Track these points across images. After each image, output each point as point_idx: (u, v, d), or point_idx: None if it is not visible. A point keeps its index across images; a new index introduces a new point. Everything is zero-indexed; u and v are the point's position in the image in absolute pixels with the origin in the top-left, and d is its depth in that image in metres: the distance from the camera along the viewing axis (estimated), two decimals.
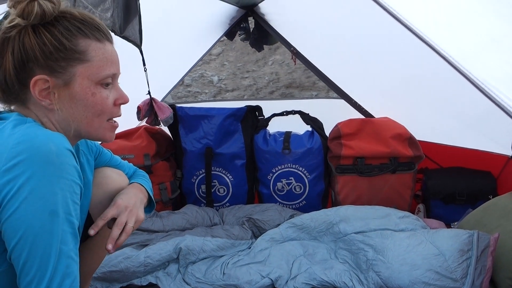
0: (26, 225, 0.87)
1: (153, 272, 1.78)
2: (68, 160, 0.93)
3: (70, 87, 0.98)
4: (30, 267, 0.88)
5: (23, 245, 0.88)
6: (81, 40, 0.98)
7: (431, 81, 2.19)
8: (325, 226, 1.95)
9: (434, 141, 2.50)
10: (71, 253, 0.91)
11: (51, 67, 0.96)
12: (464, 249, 1.64)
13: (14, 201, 0.87)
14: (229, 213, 2.22)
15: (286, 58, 5.63)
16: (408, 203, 2.27)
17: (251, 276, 1.71)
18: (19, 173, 0.87)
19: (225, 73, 5.89)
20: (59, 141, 0.93)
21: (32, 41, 0.95)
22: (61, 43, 0.95)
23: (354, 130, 2.25)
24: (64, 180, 0.91)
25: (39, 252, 0.88)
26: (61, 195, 0.90)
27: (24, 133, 0.92)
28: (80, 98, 0.99)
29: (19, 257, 0.88)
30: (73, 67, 0.97)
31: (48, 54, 0.95)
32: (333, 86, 2.71)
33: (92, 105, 1.00)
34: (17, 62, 0.95)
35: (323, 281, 1.72)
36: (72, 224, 0.92)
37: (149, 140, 2.32)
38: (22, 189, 0.87)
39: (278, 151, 2.29)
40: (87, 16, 1.01)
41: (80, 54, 0.97)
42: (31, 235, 0.88)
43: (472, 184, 2.29)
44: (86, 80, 0.99)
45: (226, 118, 2.32)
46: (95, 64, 0.99)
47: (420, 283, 1.58)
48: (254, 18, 2.76)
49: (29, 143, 0.90)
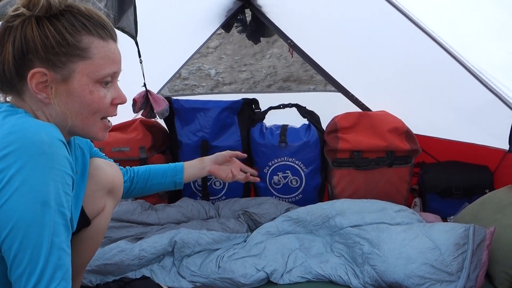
0: (17, 216, 0.86)
1: (148, 265, 1.77)
2: (60, 150, 0.92)
3: (69, 83, 0.97)
4: (21, 259, 0.87)
5: (14, 237, 0.86)
6: (85, 36, 0.96)
7: (429, 74, 2.17)
8: (321, 220, 1.94)
9: (431, 135, 2.49)
10: (63, 244, 0.90)
11: (51, 61, 0.94)
12: (460, 243, 1.63)
13: (5, 192, 0.86)
14: (224, 206, 2.21)
15: (284, 51, 5.60)
16: (405, 197, 2.27)
17: (246, 270, 1.71)
18: (10, 163, 0.86)
19: (223, 66, 5.86)
20: (51, 131, 0.92)
21: (35, 32, 0.93)
22: (64, 38, 0.94)
23: (351, 124, 2.24)
24: (56, 171, 0.90)
25: (30, 244, 0.87)
26: (53, 186, 0.89)
27: (15, 123, 0.91)
28: (77, 95, 0.98)
29: (10, 249, 0.87)
30: (73, 63, 0.96)
31: (49, 47, 0.94)
32: (330, 79, 2.69)
33: (89, 103, 0.99)
34: (16, 53, 0.94)
35: (319, 274, 1.71)
36: (64, 216, 0.91)
37: (145, 133, 2.30)
38: (13, 180, 0.86)
39: (274, 144, 2.27)
40: (93, 12, 0.99)
41: (82, 50, 0.96)
42: (22, 226, 0.86)
43: (469, 178, 2.28)
44: (85, 77, 0.97)
45: (222, 111, 2.30)
46: (96, 62, 0.98)
47: (416, 277, 1.58)
48: (251, 10, 2.74)
49: (20, 133, 0.89)
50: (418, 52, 2.06)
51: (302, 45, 2.67)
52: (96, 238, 1.25)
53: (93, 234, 1.24)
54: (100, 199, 1.30)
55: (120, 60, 1.04)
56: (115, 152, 2.21)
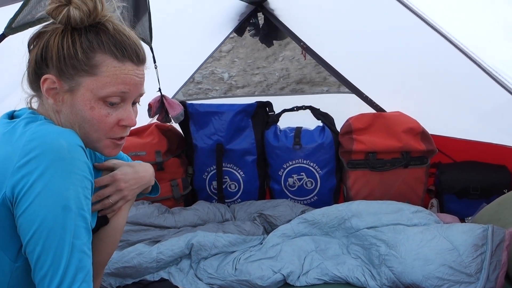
0: (40, 219, 0.89)
1: (165, 268, 1.79)
2: (79, 156, 0.95)
3: (74, 94, 0.99)
4: (44, 261, 0.89)
5: (37, 239, 0.89)
6: (99, 54, 0.98)
7: (444, 73, 2.15)
8: (337, 222, 1.94)
9: (447, 135, 2.46)
10: (84, 247, 0.93)
11: (61, 71, 0.98)
12: (478, 244, 1.62)
13: (28, 196, 0.89)
14: (240, 209, 2.23)
15: (296, 54, 5.60)
16: (421, 198, 2.25)
17: (263, 272, 1.71)
18: (33, 169, 0.90)
19: (236, 69, 5.89)
20: (70, 137, 0.95)
21: (55, 41, 0.98)
22: (76, 52, 0.97)
23: (366, 125, 2.23)
24: (76, 175, 0.93)
25: (52, 246, 0.89)
26: (73, 190, 0.92)
27: (35, 130, 0.95)
28: (79, 108, 1.00)
29: (33, 251, 0.90)
30: (80, 77, 0.98)
31: (61, 58, 0.98)
32: (344, 80, 2.69)
33: (89, 118, 1.00)
34: (38, 57, 0.99)
35: (336, 276, 1.71)
36: (85, 219, 0.94)
37: (161, 137, 2.33)
38: (35, 184, 0.89)
39: (289, 147, 2.28)
40: (121, 33, 1.01)
41: (90, 67, 0.98)
42: (45, 230, 0.89)
43: (486, 178, 2.25)
44: (89, 92, 0.99)
45: (236, 114, 2.32)
46: (102, 80, 0.98)
47: (434, 278, 1.57)
48: (263, 13, 2.75)
49: (41, 140, 0.92)
50: (433, 52, 2.04)
51: (315, 47, 2.67)
52: (114, 236, 1.28)
53: (112, 232, 1.26)
54: None
55: (138, 83, 1.03)
56: (131, 156, 2.21)
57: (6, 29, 1.29)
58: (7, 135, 0.97)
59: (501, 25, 1.72)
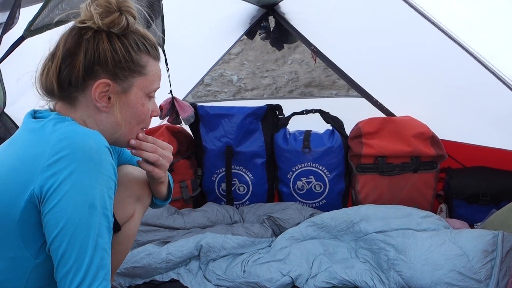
0: (67, 217, 0.92)
1: (174, 269, 1.81)
2: (106, 156, 0.98)
3: (127, 94, 1.07)
4: (68, 258, 0.92)
5: (63, 236, 0.92)
6: (144, 55, 1.07)
7: (454, 78, 2.15)
8: (345, 225, 1.95)
9: (457, 140, 2.45)
10: (106, 245, 0.96)
11: (116, 74, 1.04)
12: (488, 250, 1.61)
13: (57, 194, 0.93)
14: (249, 211, 2.23)
15: (306, 57, 5.60)
16: (430, 203, 2.24)
17: (271, 274, 1.72)
18: (62, 168, 0.93)
19: (245, 72, 5.90)
20: (98, 138, 0.99)
21: (106, 47, 1.02)
22: (130, 55, 1.04)
23: (375, 129, 2.23)
24: (102, 175, 0.96)
25: (77, 244, 0.92)
26: (99, 189, 0.95)
27: (65, 130, 0.99)
28: (132, 106, 1.08)
29: (58, 248, 0.93)
30: (133, 77, 1.06)
31: (117, 62, 1.03)
32: (354, 84, 2.69)
33: (139, 113, 1.10)
34: (88, 63, 1.03)
35: (344, 280, 1.71)
36: (108, 218, 0.97)
37: (171, 139, 2.34)
38: (64, 183, 0.93)
39: (298, 150, 2.29)
40: (148, 35, 1.11)
41: (141, 67, 1.07)
42: (71, 227, 0.92)
43: (496, 184, 2.24)
44: (140, 91, 1.08)
45: (246, 116, 2.33)
46: (150, 78, 1.09)
47: (443, 284, 1.57)
48: (274, 17, 2.76)
49: (71, 140, 0.96)
50: (443, 57, 2.04)
51: (325, 51, 2.67)
52: (126, 243, 1.30)
53: (123, 239, 1.28)
54: (129, 206, 1.34)
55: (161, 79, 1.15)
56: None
57: (25, 31, 1.32)
58: (38, 133, 1.00)
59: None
